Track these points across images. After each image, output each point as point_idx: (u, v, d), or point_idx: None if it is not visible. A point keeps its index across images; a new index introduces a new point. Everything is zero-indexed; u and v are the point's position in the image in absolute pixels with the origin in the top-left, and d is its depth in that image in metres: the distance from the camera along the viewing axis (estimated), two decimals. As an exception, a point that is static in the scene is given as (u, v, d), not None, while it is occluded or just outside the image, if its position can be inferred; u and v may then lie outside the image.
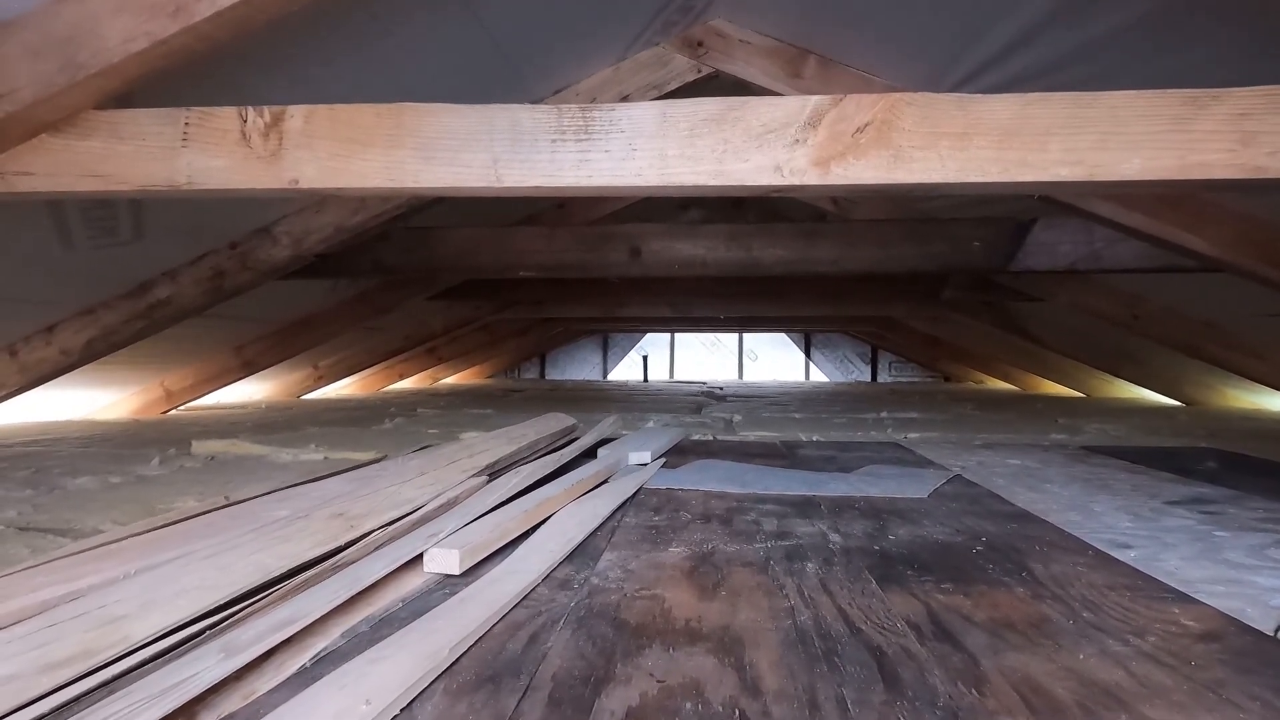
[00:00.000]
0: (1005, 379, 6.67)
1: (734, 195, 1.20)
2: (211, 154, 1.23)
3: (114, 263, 2.22)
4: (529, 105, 1.18)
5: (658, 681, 0.65)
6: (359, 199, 2.32)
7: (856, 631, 0.77)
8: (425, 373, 6.34)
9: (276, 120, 1.22)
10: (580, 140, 1.17)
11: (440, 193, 1.22)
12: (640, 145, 1.16)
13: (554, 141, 1.17)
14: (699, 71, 2.21)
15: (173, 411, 3.51)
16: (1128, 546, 1.13)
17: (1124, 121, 1.06)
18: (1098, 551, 1.08)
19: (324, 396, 4.84)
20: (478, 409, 3.90)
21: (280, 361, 3.70)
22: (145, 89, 1.34)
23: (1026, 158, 1.08)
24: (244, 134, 1.23)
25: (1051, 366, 5.23)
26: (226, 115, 1.23)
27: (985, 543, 1.12)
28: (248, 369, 3.54)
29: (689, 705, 0.61)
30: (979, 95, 1.10)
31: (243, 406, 3.97)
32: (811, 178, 1.13)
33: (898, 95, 1.12)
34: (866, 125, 1.11)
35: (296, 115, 1.23)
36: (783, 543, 1.12)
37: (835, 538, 1.15)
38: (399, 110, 1.20)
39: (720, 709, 0.60)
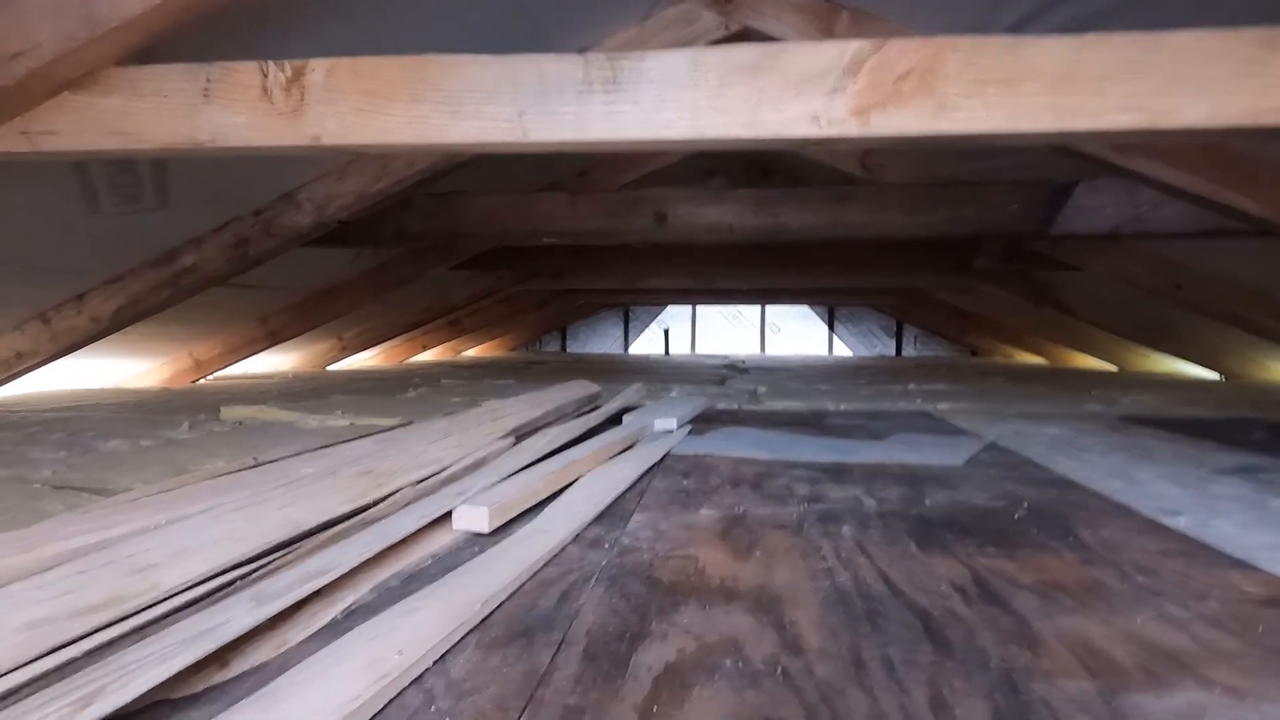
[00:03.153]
0: (1034, 352, 6.53)
1: (768, 148, 1.15)
2: (233, 110, 1.21)
3: (140, 231, 2.23)
4: (555, 55, 1.13)
5: (695, 638, 0.63)
6: (381, 165, 2.30)
7: (898, 593, 0.74)
8: (447, 345, 6.36)
9: (298, 75, 1.20)
10: (608, 91, 1.12)
11: (465, 148, 1.19)
12: (670, 96, 1.11)
13: (580, 93, 1.13)
14: (726, 29, 2.14)
15: (201, 381, 3.56)
16: (1177, 513, 1.09)
17: (1190, 64, 0.99)
18: (1146, 518, 1.04)
19: (348, 367, 4.88)
20: (500, 379, 3.90)
21: (304, 332, 3.72)
22: (165, 49, 1.32)
23: (1081, 104, 1.02)
24: (265, 89, 1.21)
25: (1083, 339, 5.09)
26: (248, 70, 1.21)
27: (1027, 508, 1.08)
28: (273, 339, 3.57)
29: (729, 662, 0.59)
30: (1029, 38, 1.04)
31: (269, 376, 4.01)
32: (850, 128, 1.08)
33: (942, 40, 1.06)
34: (909, 72, 1.06)
35: (318, 69, 1.20)
36: (816, 506, 1.09)
37: (870, 502, 1.12)
38: (422, 63, 1.17)
39: (762, 666, 0.58)
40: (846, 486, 1.23)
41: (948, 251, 3.56)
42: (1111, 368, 5.17)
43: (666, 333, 9.14)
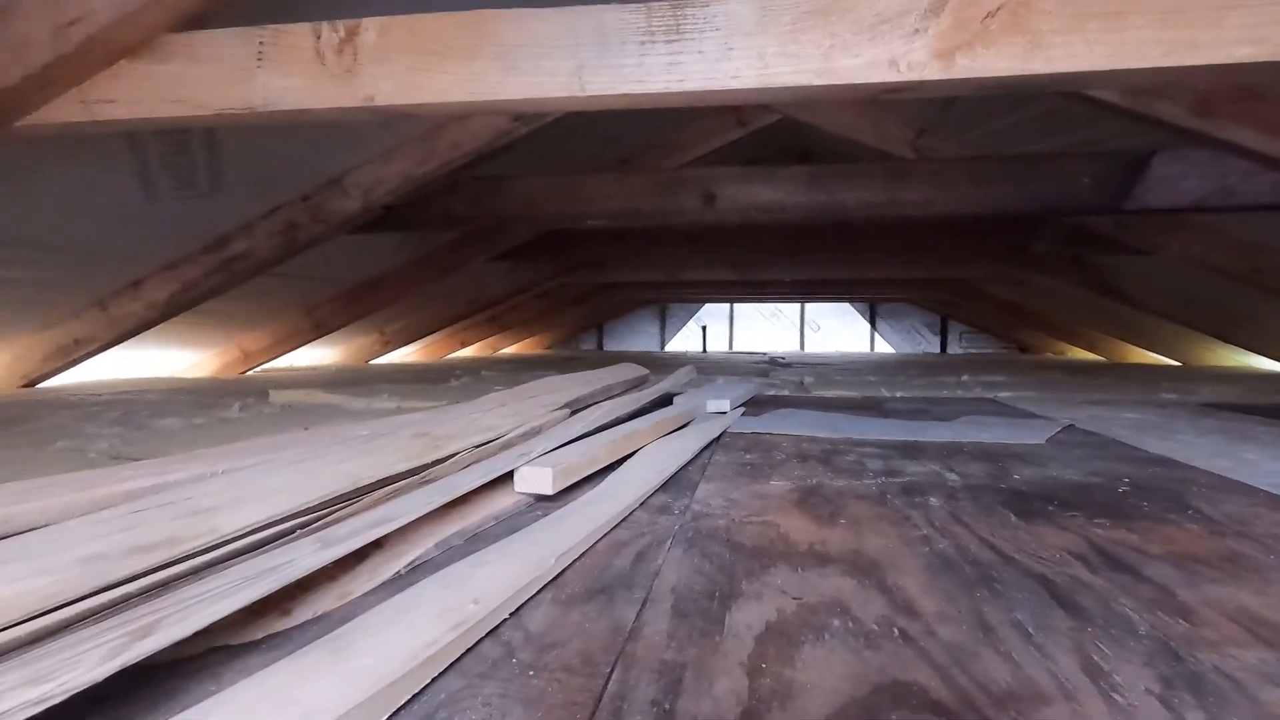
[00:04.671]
0: (1089, 348, 6.27)
1: (841, 96, 1.08)
2: (286, 73, 1.19)
3: (193, 217, 2.25)
4: (616, 5, 1.08)
5: (793, 599, 0.57)
6: (427, 148, 2.29)
7: (1009, 560, 0.67)
8: (486, 341, 6.39)
9: (351, 35, 1.17)
10: (671, 41, 1.07)
11: (521, 105, 1.14)
12: (737, 44, 1.05)
13: (642, 44, 1.08)
14: None
15: (249, 372, 3.61)
16: (1302, 491, 0.98)
17: (1321, -13, 0.89)
18: (1269, 494, 0.94)
19: (390, 361, 4.92)
20: (541, 372, 3.88)
21: (349, 323, 3.75)
22: (216, 20, 1.31)
23: (1196, 37, 0.93)
24: (318, 51, 1.18)
25: (1145, 332, 4.86)
26: (300, 32, 1.19)
27: (1130, 484, 0.99)
28: (318, 330, 3.60)
29: (836, 622, 0.52)
30: (1136, -32, 0.95)
31: (314, 369, 4.06)
32: (932, 72, 1.00)
33: (1036, -27, 0.98)
34: (999, 8, 0.98)
35: (371, 29, 1.17)
36: (895, 479, 1.02)
37: (952, 476, 1.04)
38: (478, 18, 1.13)
39: (875, 627, 0.51)
40: (922, 462, 1.15)
41: (1003, 236, 3.42)
42: (1173, 363, 4.92)
43: (704, 330, 9.05)
